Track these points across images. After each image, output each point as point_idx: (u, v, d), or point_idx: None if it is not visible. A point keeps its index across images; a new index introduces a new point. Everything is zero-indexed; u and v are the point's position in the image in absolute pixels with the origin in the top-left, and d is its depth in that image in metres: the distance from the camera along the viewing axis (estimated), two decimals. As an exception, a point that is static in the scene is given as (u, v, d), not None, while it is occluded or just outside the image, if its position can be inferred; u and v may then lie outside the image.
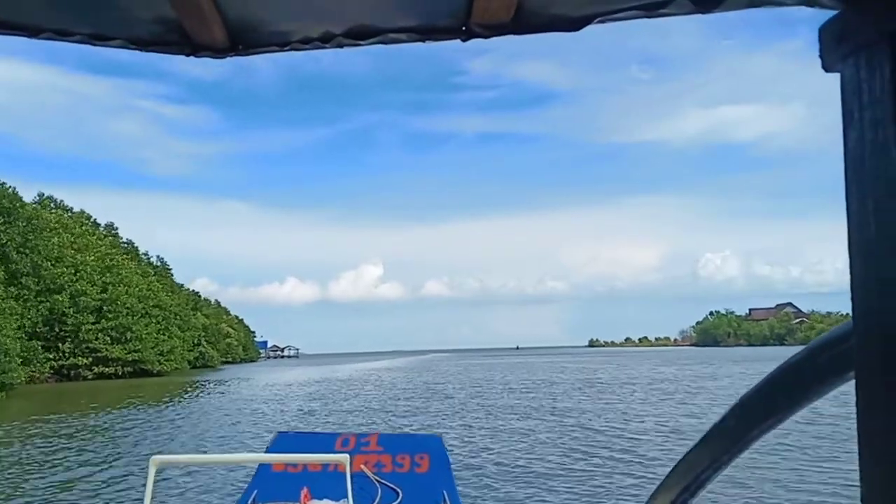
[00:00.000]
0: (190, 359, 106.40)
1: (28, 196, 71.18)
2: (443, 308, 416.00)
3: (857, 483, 0.48)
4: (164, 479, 13.45)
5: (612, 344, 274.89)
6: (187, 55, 0.87)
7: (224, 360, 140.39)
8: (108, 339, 72.89)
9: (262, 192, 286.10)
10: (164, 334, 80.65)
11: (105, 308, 73.32)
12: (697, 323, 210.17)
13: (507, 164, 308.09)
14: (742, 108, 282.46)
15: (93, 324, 71.83)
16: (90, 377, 71.05)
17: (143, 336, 75.06)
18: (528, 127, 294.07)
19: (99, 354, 72.14)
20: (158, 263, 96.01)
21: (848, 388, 0.52)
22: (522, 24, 0.79)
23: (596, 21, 0.76)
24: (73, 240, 72.47)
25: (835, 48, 0.49)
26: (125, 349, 73.46)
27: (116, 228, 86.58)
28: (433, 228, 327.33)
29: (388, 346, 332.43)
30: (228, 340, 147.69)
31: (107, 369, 72.47)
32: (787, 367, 0.63)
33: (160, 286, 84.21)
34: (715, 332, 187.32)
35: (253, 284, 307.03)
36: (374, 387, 48.14)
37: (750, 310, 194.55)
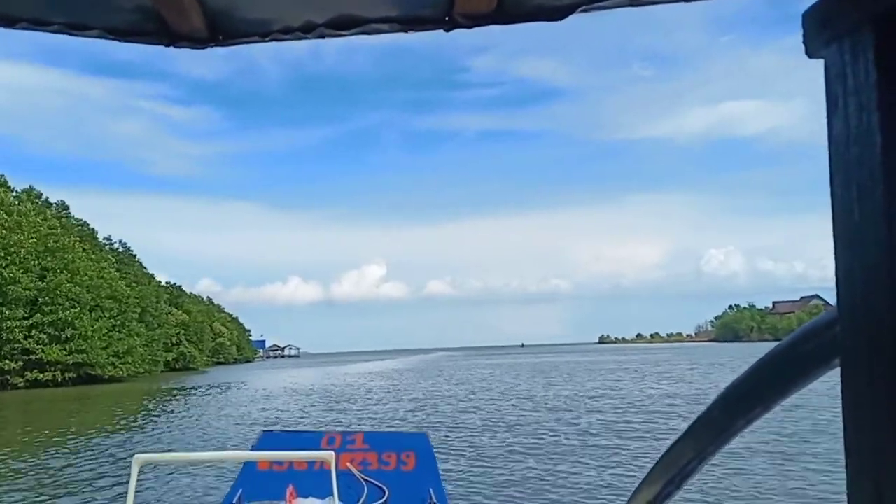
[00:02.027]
0: (168, 360, 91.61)
1: None
2: (446, 307, 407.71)
3: (843, 471, 0.46)
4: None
5: (623, 340, 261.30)
6: (166, 45, 0.83)
7: (216, 360, 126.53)
8: (45, 337, 57.36)
9: (265, 192, 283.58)
10: (119, 331, 64.92)
11: (42, 299, 57.78)
12: (716, 318, 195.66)
13: (510, 162, 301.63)
14: (745, 104, 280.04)
15: (22, 319, 56.29)
16: (21, 385, 55.56)
17: (90, 334, 59.38)
18: (531, 124, 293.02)
19: (33, 357, 56.59)
20: (121, 249, 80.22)
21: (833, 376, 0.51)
22: (506, 13, 0.77)
23: (579, 10, 0.73)
24: (5, 217, 56.98)
25: (818, 34, 0.47)
26: (65, 350, 57.84)
27: (68, 207, 70.94)
28: (435, 228, 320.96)
29: (391, 346, 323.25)
30: (220, 340, 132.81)
31: (42, 375, 56.94)
32: (772, 357, 0.60)
33: (118, 275, 68.40)
34: (737, 327, 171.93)
35: (256, 284, 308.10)
36: (374, 398, 34.79)
37: (773, 303, 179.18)
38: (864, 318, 0.43)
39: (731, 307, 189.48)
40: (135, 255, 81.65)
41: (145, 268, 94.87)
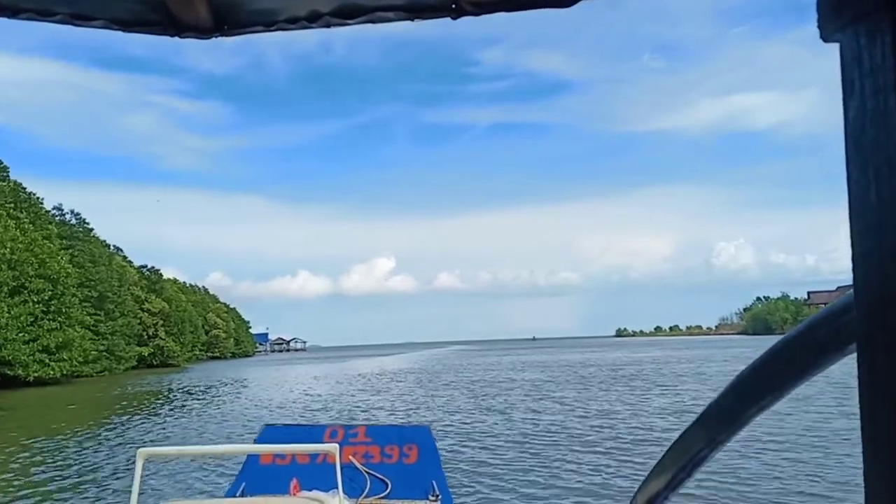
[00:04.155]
0: (144, 355, 76.65)
1: None
2: (455, 300, 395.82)
3: (860, 456, 0.44)
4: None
5: (641, 333, 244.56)
6: (171, 36, 0.81)
7: (210, 355, 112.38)
8: (-59, 327, 42.15)
9: (275, 186, 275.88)
10: (53, 320, 49.50)
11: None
12: (744, 309, 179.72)
13: (520, 156, 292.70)
14: (757, 96, 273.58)
15: None
16: None
17: (3, 322, 43.93)
18: (541, 117, 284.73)
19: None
20: (74, 222, 64.61)
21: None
22: (513, 0, 0.74)
23: None
24: None
25: (833, 17, 0.45)
26: (-34, 344, 42.53)
27: (7, 169, 55.39)
28: (444, 220, 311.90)
29: (400, 339, 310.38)
30: (215, 332, 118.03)
31: (-66, 377, 41.73)
32: (786, 342, 0.58)
33: (56, 248, 52.79)
34: (769, 319, 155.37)
35: (266, 278, 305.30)
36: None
37: (809, 293, 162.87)
38: (881, 303, 0.42)
39: (759, 298, 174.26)
40: (91, 230, 66.02)
41: (120, 251, 79.82)
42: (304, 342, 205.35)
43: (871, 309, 0.42)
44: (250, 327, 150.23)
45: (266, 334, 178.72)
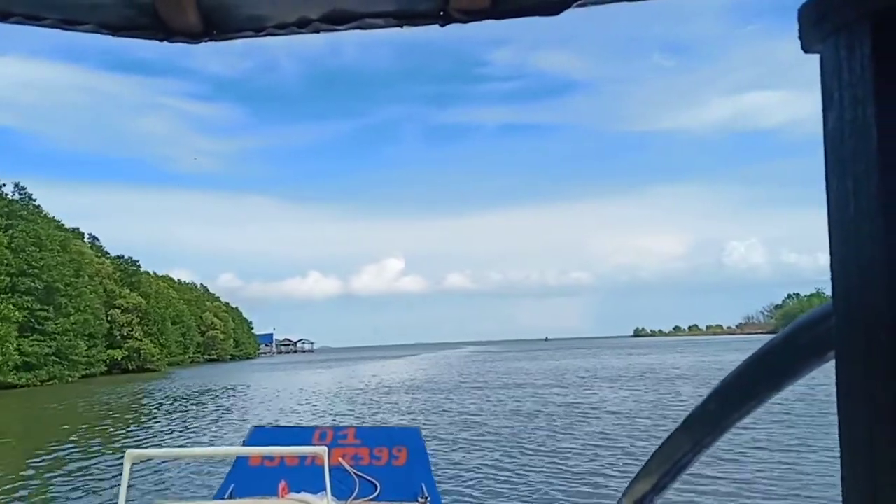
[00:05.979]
0: (118, 358, 64.77)
1: None
2: (465, 300, 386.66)
3: (837, 463, 0.43)
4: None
5: (660, 333, 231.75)
6: (161, 40, 0.78)
7: (207, 357, 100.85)
8: None
9: (285, 187, 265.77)
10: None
11: None
12: (776, 307, 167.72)
13: (530, 156, 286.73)
14: (767, 94, 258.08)
15: None
16: None
17: None
18: (551, 117, 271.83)
19: None
20: (17, 197, 52.23)
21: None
22: (501, 8, 0.73)
23: (575, 5, 0.70)
24: None
25: (814, 29, 0.45)
26: None
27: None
28: (454, 221, 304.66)
29: (411, 339, 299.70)
30: (212, 333, 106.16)
31: None
32: (767, 350, 0.58)
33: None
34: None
35: (275, 279, 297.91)
36: None
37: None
38: (859, 312, 0.42)
39: (790, 296, 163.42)
40: (39, 207, 53.75)
41: (96, 240, 67.80)
42: (312, 343, 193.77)
43: (850, 317, 0.43)
44: (252, 327, 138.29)
45: (271, 335, 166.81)
